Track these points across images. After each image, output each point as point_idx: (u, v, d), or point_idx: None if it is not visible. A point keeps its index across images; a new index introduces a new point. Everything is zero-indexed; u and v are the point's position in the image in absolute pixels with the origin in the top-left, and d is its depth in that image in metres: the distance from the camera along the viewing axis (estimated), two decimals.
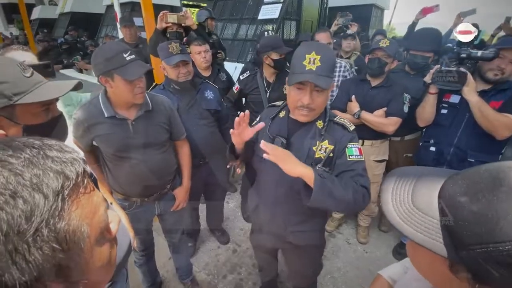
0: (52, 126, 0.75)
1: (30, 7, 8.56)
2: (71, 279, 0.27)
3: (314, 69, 0.91)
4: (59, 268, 0.25)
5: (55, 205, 0.25)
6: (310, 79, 0.91)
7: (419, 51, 1.83)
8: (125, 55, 1.07)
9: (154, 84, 1.96)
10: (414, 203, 0.42)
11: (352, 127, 1.05)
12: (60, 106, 1.24)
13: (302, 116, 1.00)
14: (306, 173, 0.89)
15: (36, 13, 10.06)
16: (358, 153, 1.00)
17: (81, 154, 0.31)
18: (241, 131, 0.99)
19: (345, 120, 1.06)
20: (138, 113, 1.21)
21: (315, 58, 0.91)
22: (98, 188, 0.34)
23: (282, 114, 1.13)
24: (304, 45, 0.97)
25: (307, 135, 1.03)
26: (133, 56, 1.10)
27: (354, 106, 1.76)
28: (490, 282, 0.34)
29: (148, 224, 1.48)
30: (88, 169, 0.30)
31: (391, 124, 1.68)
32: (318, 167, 0.98)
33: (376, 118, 1.71)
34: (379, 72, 1.70)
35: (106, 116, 1.16)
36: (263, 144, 0.89)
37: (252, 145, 1.14)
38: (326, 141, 1.01)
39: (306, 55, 0.92)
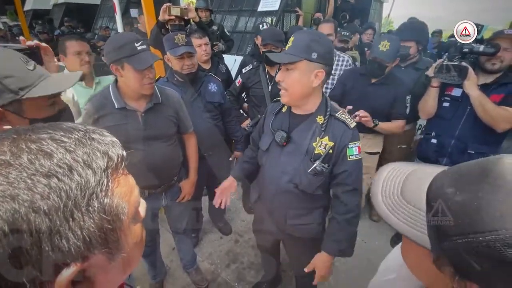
0: (58, 119, 0.72)
1: None
2: (113, 251, 0.30)
3: (286, 49, 0.98)
4: (105, 238, 0.28)
5: (101, 181, 0.28)
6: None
7: (408, 41, 1.88)
8: (136, 45, 1.07)
9: (158, 76, 1.95)
10: (403, 195, 0.42)
11: (353, 124, 1.04)
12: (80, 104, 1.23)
13: (282, 96, 1.05)
14: (330, 259, 1.12)
15: (30, 4, 9.82)
16: (357, 152, 1.04)
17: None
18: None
19: (346, 117, 1.05)
20: (147, 105, 1.22)
21: (290, 40, 0.98)
22: None
23: (284, 109, 1.14)
24: None
25: (307, 130, 1.04)
26: (144, 46, 1.09)
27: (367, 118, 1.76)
28: (472, 276, 0.32)
29: (154, 215, 1.50)
30: (125, 153, 0.33)
31: (400, 127, 1.77)
32: (317, 164, 1.01)
33: (391, 126, 1.77)
34: (379, 74, 1.73)
35: (116, 107, 1.16)
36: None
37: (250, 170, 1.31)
38: (327, 138, 1.02)
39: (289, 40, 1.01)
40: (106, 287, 0.31)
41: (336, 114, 1.04)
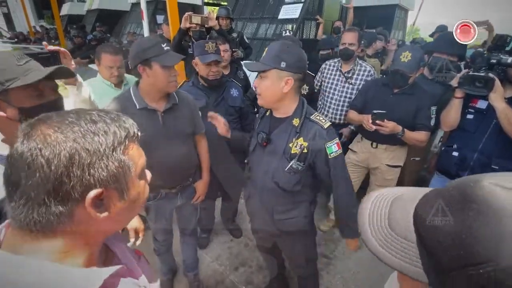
0: (49, 109, 0.79)
1: (59, 3, 9.02)
2: (122, 191, 0.43)
3: (261, 58, 1.09)
4: (117, 179, 0.42)
5: (122, 143, 0.42)
6: (246, 64, 1.11)
7: (445, 53, 1.80)
8: (163, 45, 1.17)
9: (183, 81, 2.04)
10: (391, 227, 0.40)
11: (327, 124, 1.10)
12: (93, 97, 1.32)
13: (258, 100, 1.14)
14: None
15: (65, 9, 10.59)
16: (337, 148, 1.10)
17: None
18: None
19: (320, 118, 1.12)
20: (166, 105, 1.28)
21: (265, 50, 1.09)
22: None
23: (268, 112, 1.23)
24: None
25: (284, 132, 1.12)
26: (169, 48, 1.20)
27: (394, 125, 1.63)
28: None
29: (170, 215, 1.53)
30: (139, 133, 0.47)
31: (422, 140, 1.68)
32: (293, 162, 1.09)
33: (413, 135, 1.67)
34: (402, 85, 1.69)
35: (138, 107, 1.23)
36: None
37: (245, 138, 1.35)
38: (301, 138, 1.09)
39: None
40: (114, 222, 0.45)
41: (311, 116, 1.11)
